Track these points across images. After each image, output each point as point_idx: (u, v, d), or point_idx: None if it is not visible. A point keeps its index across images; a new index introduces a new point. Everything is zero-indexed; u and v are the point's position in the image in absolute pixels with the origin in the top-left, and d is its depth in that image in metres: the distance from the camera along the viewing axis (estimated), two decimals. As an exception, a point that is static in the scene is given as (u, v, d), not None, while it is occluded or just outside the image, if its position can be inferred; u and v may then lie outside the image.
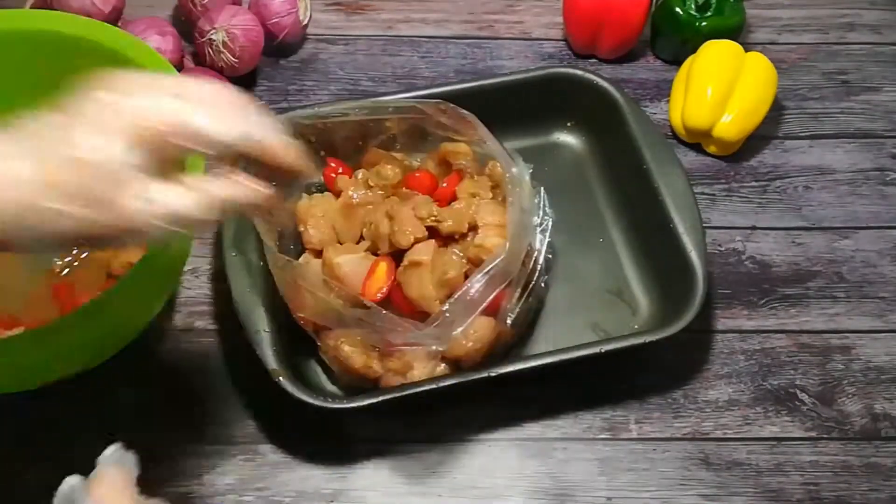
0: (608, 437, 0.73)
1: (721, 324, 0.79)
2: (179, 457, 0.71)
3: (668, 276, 0.77)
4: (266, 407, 0.73)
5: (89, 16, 0.83)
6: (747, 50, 0.88)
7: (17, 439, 0.71)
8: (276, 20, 0.90)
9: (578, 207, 0.83)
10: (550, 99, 0.85)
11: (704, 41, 0.89)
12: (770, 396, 0.76)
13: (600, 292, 0.79)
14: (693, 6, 0.92)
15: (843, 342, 0.79)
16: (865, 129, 0.93)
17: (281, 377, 0.66)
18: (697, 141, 0.89)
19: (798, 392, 0.76)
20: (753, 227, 0.85)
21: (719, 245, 0.84)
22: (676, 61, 0.93)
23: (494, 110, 0.81)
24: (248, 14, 0.88)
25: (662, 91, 0.93)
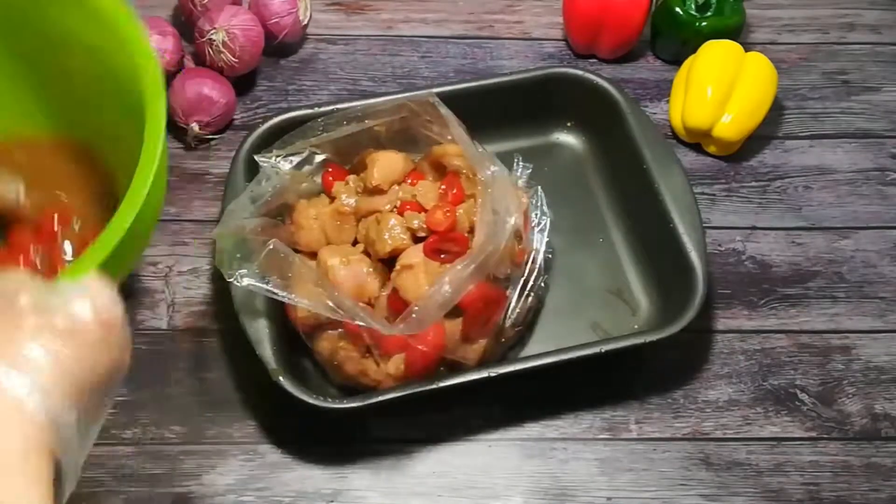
0: (608, 437, 0.73)
1: (721, 324, 0.79)
2: (179, 457, 0.71)
3: (668, 276, 0.77)
4: (266, 407, 0.73)
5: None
6: (747, 50, 0.88)
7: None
8: (276, 20, 0.90)
9: (578, 207, 0.83)
10: (550, 99, 0.85)
11: (704, 41, 0.89)
12: (770, 396, 0.76)
13: (600, 292, 0.79)
14: (693, 6, 0.92)
15: (843, 342, 0.79)
16: (865, 129, 0.92)
17: (281, 377, 0.66)
18: (697, 141, 0.89)
19: (798, 392, 0.76)
20: (753, 227, 0.85)
21: (719, 245, 0.84)
22: (676, 61, 0.93)
23: (495, 110, 0.81)
24: (248, 14, 0.88)
25: (662, 91, 0.93)
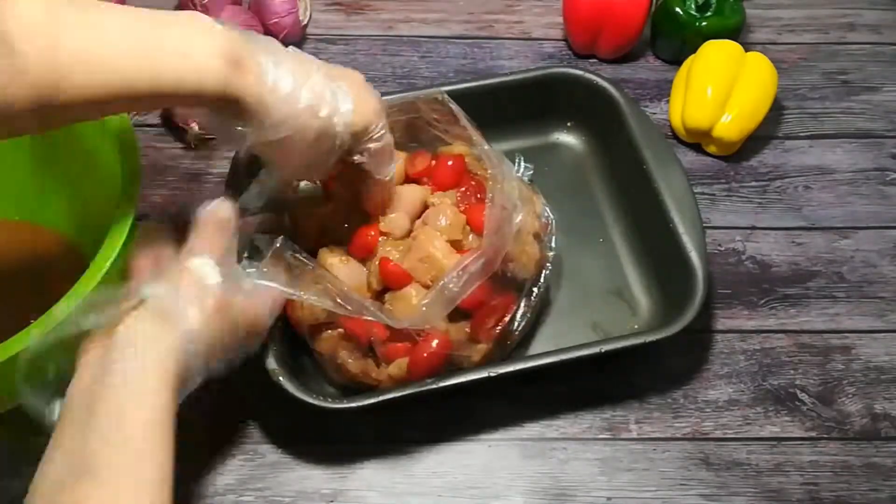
0: (608, 437, 0.73)
1: (721, 324, 0.79)
2: (179, 457, 0.71)
3: (668, 276, 0.77)
4: (266, 407, 0.73)
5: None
6: (747, 50, 0.88)
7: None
8: (276, 20, 0.90)
9: (578, 207, 0.83)
10: (550, 99, 0.85)
11: (704, 41, 0.89)
12: (770, 396, 0.76)
13: (600, 292, 0.79)
14: (693, 6, 0.92)
15: (843, 342, 0.79)
16: (865, 129, 0.93)
17: (281, 377, 0.66)
18: (697, 141, 0.89)
19: (798, 392, 0.76)
20: (753, 227, 0.85)
21: (719, 245, 0.84)
22: (676, 61, 0.93)
23: (494, 110, 0.81)
24: (248, 14, 0.88)
25: (662, 91, 0.93)
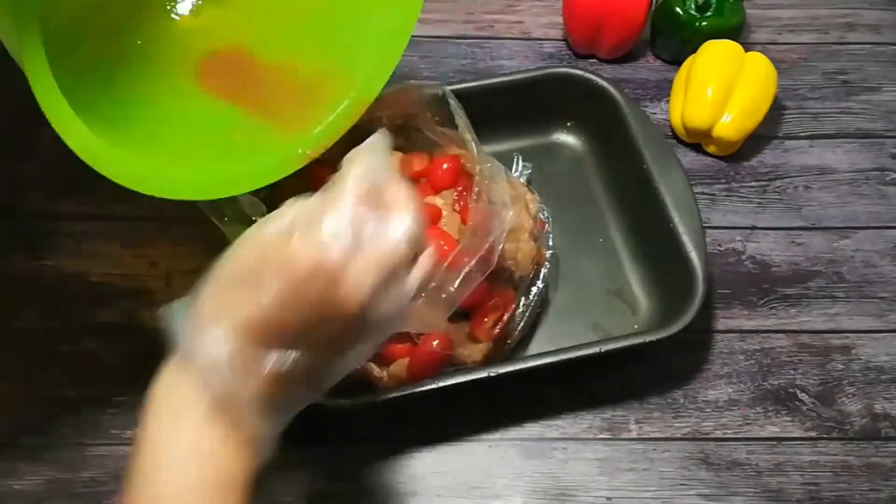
0: (608, 437, 0.73)
1: (721, 324, 0.79)
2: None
3: (668, 276, 0.77)
4: (266, 407, 0.73)
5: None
6: (747, 50, 0.88)
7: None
8: (276, 20, 0.90)
9: (578, 207, 0.83)
10: (550, 99, 0.85)
11: (704, 41, 0.89)
12: (770, 396, 0.76)
13: (600, 292, 0.79)
14: (693, 6, 0.92)
15: (843, 342, 0.79)
16: (865, 129, 0.92)
17: (281, 377, 0.66)
18: (697, 141, 0.89)
19: (798, 392, 0.76)
20: (753, 227, 0.85)
21: (719, 245, 0.84)
22: (676, 61, 0.93)
23: (495, 110, 0.81)
24: (248, 14, 0.88)
25: (662, 91, 0.93)
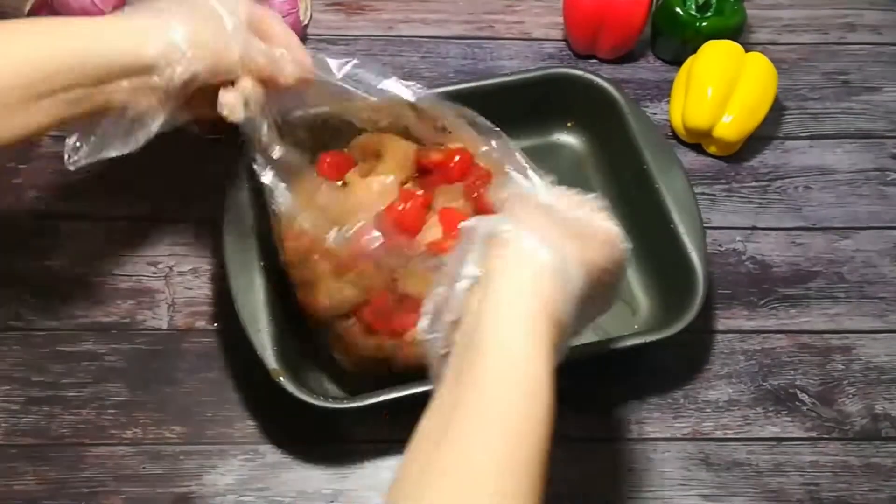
0: (608, 437, 0.73)
1: (721, 324, 0.79)
2: (179, 457, 0.71)
3: (668, 277, 0.77)
4: (266, 407, 0.73)
5: (89, 15, 0.83)
6: (748, 50, 0.88)
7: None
8: (276, 20, 0.90)
9: (578, 207, 0.83)
10: (550, 99, 0.85)
11: (705, 41, 0.89)
12: (770, 396, 0.76)
13: (600, 292, 0.79)
14: (693, 6, 0.92)
15: (844, 342, 0.79)
16: (865, 129, 0.93)
17: (281, 377, 0.66)
18: (698, 141, 0.89)
19: (798, 392, 0.76)
20: (753, 228, 0.85)
21: (719, 245, 0.84)
22: (677, 61, 0.93)
23: (495, 110, 0.81)
24: (249, 14, 0.88)
25: (662, 91, 0.93)
